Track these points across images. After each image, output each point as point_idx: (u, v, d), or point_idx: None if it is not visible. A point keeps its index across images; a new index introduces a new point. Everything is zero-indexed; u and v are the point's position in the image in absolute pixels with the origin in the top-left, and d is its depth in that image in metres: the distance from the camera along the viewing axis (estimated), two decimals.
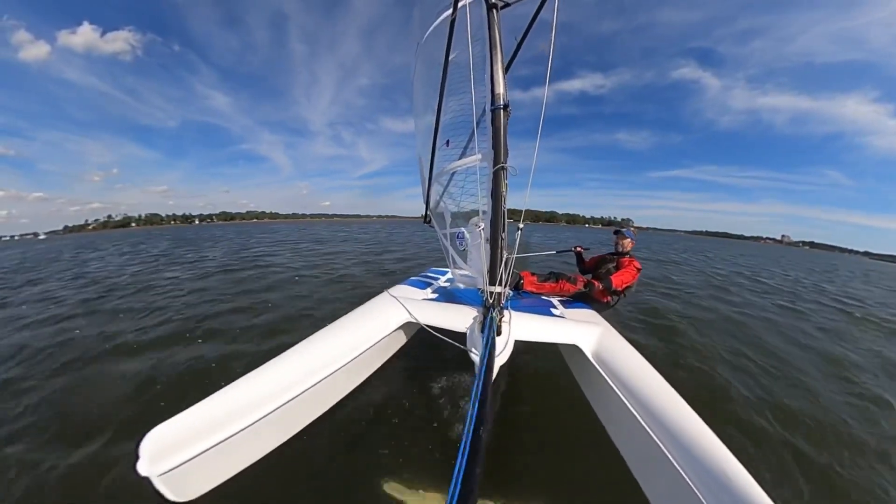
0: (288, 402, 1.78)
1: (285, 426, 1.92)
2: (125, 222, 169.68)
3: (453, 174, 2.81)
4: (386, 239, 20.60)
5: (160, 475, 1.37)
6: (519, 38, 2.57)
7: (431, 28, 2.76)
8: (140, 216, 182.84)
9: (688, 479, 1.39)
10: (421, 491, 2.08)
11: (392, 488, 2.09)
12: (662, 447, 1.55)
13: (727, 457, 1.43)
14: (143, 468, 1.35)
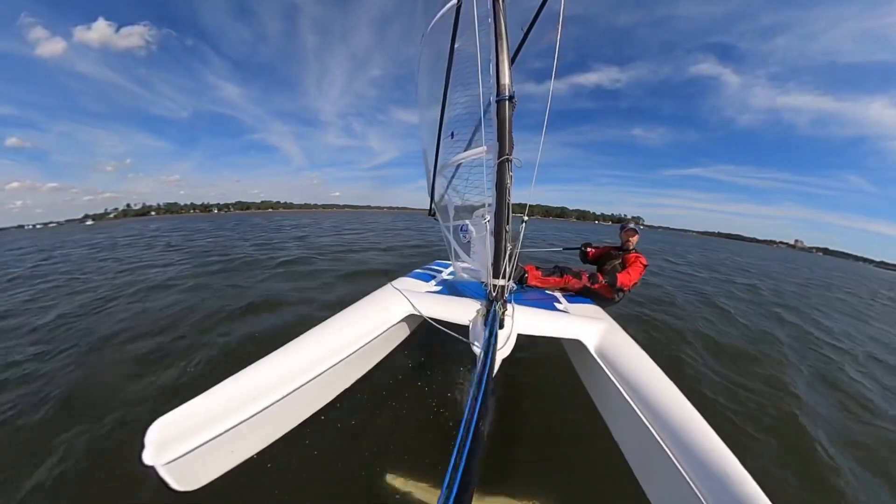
0: (291, 392, 1.78)
1: (289, 417, 1.93)
2: (145, 211, 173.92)
3: (458, 167, 2.79)
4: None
5: (165, 464, 1.37)
6: (525, 28, 2.52)
7: (437, 17, 2.71)
8: (159, 205, 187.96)
9: (689, 480, 1.38)
10: (421, 483, 2.10)
11: (393, 479, 2.12)
12: (664, 446, 1.54)
13: (729, 457, 1.42)
14: (148, 457, 1.35)
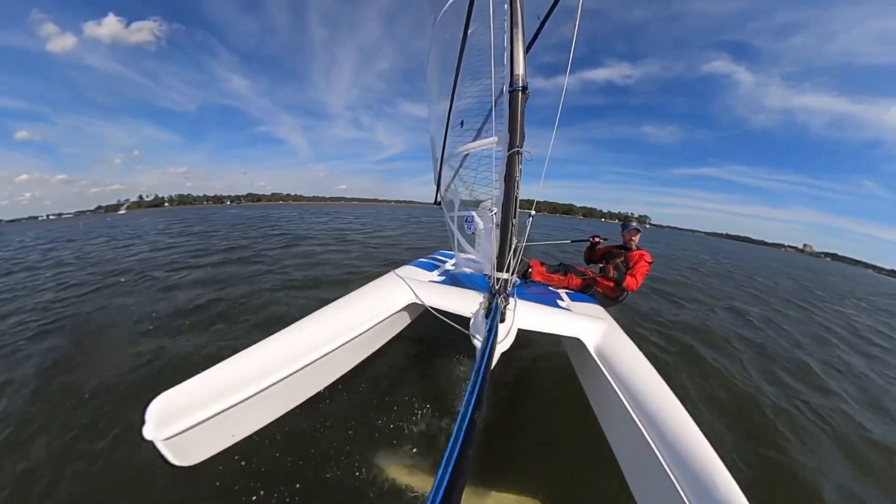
0: (291, 374, 1.80)
1: (287, 398, 1.95)
2: (158, 202, 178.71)
3: (466, 157, 2.76)
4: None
5: (164, 440, 1.40)
6: (542, 17, 2.49)
7: (448, 4, 2.66)
8: (171, 196, 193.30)
9: (675, 482, 1.40)
10: (415, 471, 2.12)
11: (387, 466, 2.14)
12: (654, 448, 1.56)
13: (717, 464, 1.44)
14: (148, 432, 1.38)
